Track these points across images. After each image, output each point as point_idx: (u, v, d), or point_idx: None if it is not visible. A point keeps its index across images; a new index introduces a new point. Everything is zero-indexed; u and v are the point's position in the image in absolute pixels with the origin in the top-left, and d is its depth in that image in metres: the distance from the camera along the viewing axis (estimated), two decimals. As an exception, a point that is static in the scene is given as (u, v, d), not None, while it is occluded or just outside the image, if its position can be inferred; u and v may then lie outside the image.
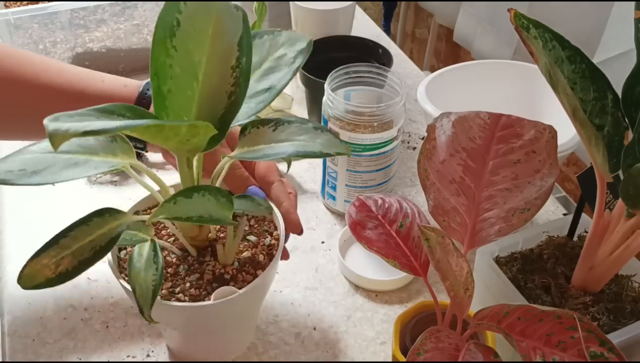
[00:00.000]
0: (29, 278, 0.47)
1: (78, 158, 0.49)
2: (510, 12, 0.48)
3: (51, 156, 0.48)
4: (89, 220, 0.49)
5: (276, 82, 0.52)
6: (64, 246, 0.48)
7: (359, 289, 0.72)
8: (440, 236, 0.46)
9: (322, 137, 0.49)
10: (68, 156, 0.48)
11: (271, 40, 0.55)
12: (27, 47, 0.95)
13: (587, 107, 0.49)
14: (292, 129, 0.50)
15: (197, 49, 0.46)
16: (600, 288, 0.56)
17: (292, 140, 0.49)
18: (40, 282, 0.47)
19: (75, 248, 0.48)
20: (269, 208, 0.58)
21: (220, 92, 0.48)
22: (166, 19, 0.46)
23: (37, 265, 0.47)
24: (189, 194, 0.49)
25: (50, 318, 0.68)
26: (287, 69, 0.52)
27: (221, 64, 0.47)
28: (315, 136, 0.49)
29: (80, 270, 0.48)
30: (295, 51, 0.53)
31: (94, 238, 0.48)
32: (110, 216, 0.50)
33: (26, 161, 0.48)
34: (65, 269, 0.47)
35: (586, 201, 0.59)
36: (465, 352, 0.47)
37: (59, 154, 0.48)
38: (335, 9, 1.00)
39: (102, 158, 0.50)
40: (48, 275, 0.47)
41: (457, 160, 0.51)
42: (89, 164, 0.49)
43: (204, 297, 0.54)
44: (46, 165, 0.47)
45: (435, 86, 0.78)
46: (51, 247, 0.47)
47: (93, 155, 0.50)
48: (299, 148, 0.48)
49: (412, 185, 0.86)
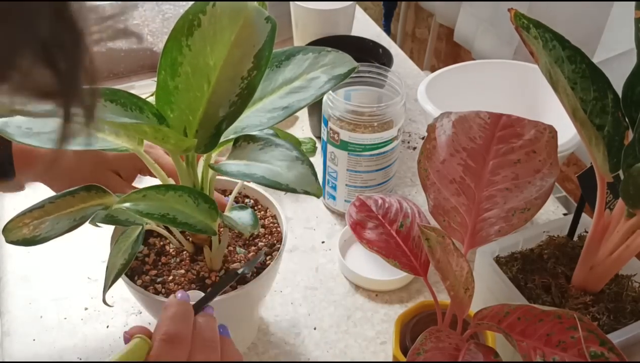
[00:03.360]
0: (9, 232, 0.51)
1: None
2: (511, 12, 0.48)
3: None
4: (76, 192, 0.52)
5: (295, 103, 0.50)
6: (47, 211, 0.51)
7: (359, 289, 0.72)
8: (440, 236, 0.46)
9: (298, 169, 0.47)
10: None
11: (313, 59, 0.52)
12: (27, 47, 0.95)
13: (588, 107, 0.49)
14: (276, 152, 0.49)
15: (213, 53, 0.46)
16: (600, 288, 0.56)
17: (270, 163, 0.48)
18: (17, 238, 0.50)
19: (55, 215, 0.50)
20: (254, 227, 0.54)
21: (225, 100, 0.48)
22: (188, 17, 0.46)
23: (19, 222, 0.50)
24: (163, 191, 0.48)
25: (50, 318, 0.68)
26: (313, 92, 0.50)
27: (234, 72, 0.47)
28: (292, 167, 0.47)
29: (52, 236, 0.50)
30: (331, 75, 0.51)
31: (74, 211, 0.51)
32: (97, 194, 0.52)
33: (33, 122, 0.49)
34: (40, 233, 0.50)
35: (586, 201, 0.59)
36: (466, 352, 0.47)
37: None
38: (335, 9, 1.00)
39: (105, 136, 0.51)
40: (25, 234, 0.50)
41: (457, 160, 0.51)
42: (91, 139, 0.51)
43: None
44: (51, 129, 0.49)
45: (435, 86, 0.78)
46: (36, 209, 0.51)
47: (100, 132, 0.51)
48: (268, 175, 0.47)
49: (412, 185, 0.86)
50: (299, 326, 0.68)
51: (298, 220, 0.80)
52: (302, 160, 0.48)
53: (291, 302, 0.70)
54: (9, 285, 0.71)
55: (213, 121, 0.48)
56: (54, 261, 0.74)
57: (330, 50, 0.52)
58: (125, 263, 0.51)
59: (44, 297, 0.70)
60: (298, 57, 0.52)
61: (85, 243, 0.72)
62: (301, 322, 0.68)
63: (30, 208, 0.51)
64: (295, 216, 0.80)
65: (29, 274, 0.73)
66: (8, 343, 0.66)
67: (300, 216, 0.80)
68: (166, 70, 0.47)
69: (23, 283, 0.72)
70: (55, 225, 0.50)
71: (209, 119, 0.48)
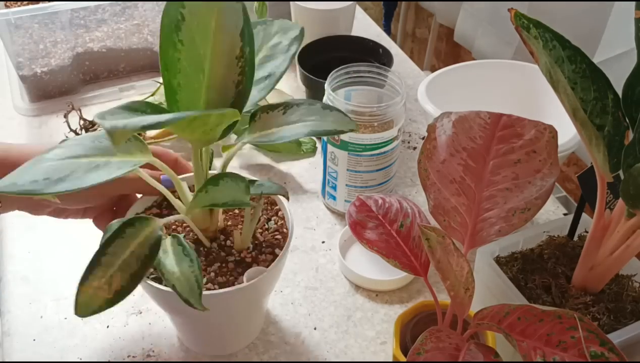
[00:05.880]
0: (86, 305, 0.46)
1: (97, 161, 0.48)
2: (511, 12, 0.48)
3: (70, 162, 0.48)
4: (122, 232, 0.48)
5: (275, 69, 0.54)
6: (108, 264, 0.47)
7: (359, 289, 0.72)
8: (440, 236, 0.46)
9: (332, 116, 0.51)
10: (87, 160, 0.48)
11: (264, 30, 0.56)
12: (28, 46, 0.95)
13: (588, 107, 0.49)
14: (301, 110, 0.51)
15: (202, 42, 0.47)
16: (600, 288, 0.56)
17: (303, 120, 0.50)
18: (99, 305, 0.46)
19: (120, 263, 0.47)
20: (282, 188, 0.59)
21: (228, 82, 0.49)
22: (171, 14, 0.46)
23: (89, 289, 0.46)
24: (216, 182, 0.51)
25: (50, 318, 0.68)
26: (284, 56, 0.54)
27: (225, 55, 0.48)
28: (325, 115, 0.51)
29: (134, 283, 0.47)
30: (289, 39, 0.55)
31: (135, 249, 0.48)
32: (140, 224, 0.50)
33: (47, 169, 0.46)
34: (120, 286, 0.47)
35: (586, 201, 0.59)
36: (466, 352, 0.47)
37: (77, 159, 0.48)
38: (336, 8, 1.00)
39: (121, 158, 0.50)
40: (105, 296, 0.46)
41: (457, 160, 0.51)
42: (110, 166, 0.48)
43: (232, 282, 0.55)
44: (69, 171, 0.47)
45: (435, 86, 0.78)
46: (96, 268, 0.46)
47: (111, 156, 0.50)
48: (312, 127, 0.49)
49: (412, 185, 0.86)
50: (299, 326, 0.68)
51: (298, 220, 0.80)
52: (329, 108, 0.51)
53: (291, 302, 0.70)
54: (9, 285, 0.71)
55: (221, 107, 0.49)
56: (54, 261, 0.74)
57: (272, 20, 0.57)
58: (197, 267, 0.50)
59: (44, 297, 0.70)
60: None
61: (86, 243, 0.72)
62: (301, 322, 0.68)
63: (87, 272, 0.46)
64: (296, 216, 0.80)
65: (29, 274, 0.73)
66: (8, 343, 0.66)
67: (300, 216, 0.80)
68: (168, 69, 0.48)
69: (23, 283, 0.72)
70: (129, 271, 0.47)
71: (214, 106, 0.49)
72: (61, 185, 0.45)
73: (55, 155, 0.48)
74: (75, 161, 0.48)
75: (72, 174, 0.46)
